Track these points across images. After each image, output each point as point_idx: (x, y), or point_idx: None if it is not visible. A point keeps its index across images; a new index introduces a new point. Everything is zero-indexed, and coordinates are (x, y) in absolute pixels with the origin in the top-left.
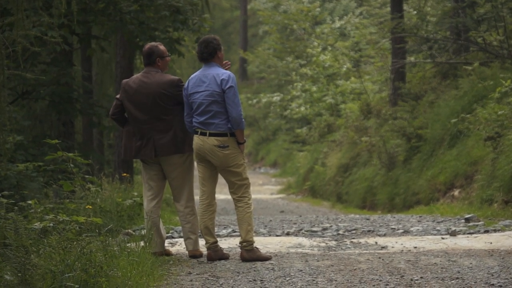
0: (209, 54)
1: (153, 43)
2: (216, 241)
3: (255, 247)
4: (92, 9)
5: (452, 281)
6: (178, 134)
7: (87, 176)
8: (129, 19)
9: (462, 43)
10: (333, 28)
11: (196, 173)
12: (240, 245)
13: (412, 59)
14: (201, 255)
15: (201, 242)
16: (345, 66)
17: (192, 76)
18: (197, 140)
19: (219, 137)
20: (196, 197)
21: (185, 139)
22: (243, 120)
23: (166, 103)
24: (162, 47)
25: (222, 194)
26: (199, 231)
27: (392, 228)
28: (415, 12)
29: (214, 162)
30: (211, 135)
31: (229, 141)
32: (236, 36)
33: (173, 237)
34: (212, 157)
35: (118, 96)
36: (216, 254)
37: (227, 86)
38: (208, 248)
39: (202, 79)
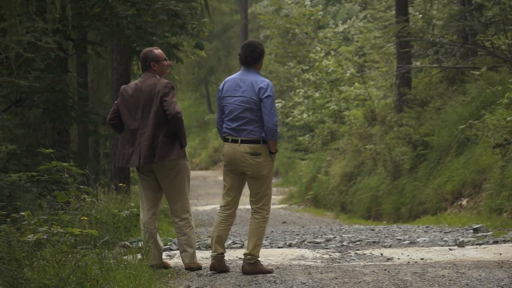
0: (254, 59)
1: (148, 49)
2: (223, 253)
3: (258, 260)
4: (88, 13)
5: None
6: (161, 141)
7: (82, 187)
8: (126, 24)
9: (469, 47)
10: (336, 32)
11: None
12: (243, 257)
13: (418, 64)
14: (198, 267)
15: (200, 254)
16: (348, 71)
17: (228, 78)
18: (227, 148)
19: (252, 144)
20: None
21: (173, 147)
22: (278, 130)
23: (155, 107)
24: (157, 51)
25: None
26: (211, 238)
27: (398, 239)
28: (421, 15)
29: (246, 170)
30: (243, 142)
31: (261, 149)
32: (236, 41)
33: (171, 249)
34: (244, 165)
35: (116, 101)
36: (220, 265)
37: (265, 95)
38: (214, 258)
39: (239, 84)
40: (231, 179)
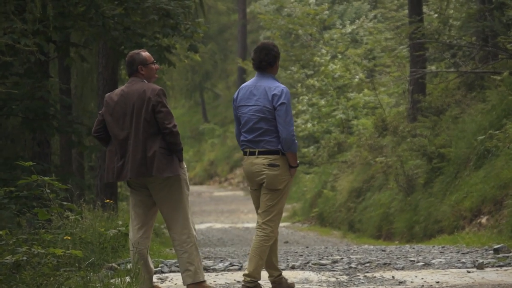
0: (268, 63)
1: (134, 51)
2: (281, 273)
3: (258, 283)
4: (71, 13)
5: None
6: (158, 153)
7: (65, 203)
8: (113, 24)
9: (489, 50)
10: (343, 33)
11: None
12: (243, 278)
13: (433, 68)
14: None
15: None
16: (357, 76)
17: (242, 85)
18: (245, 162)
19: (269, 155)
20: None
21: (171, 160)
22: (296, 141)
23: (146, 115)
24: (145, 54)
25: (218, 222)
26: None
27: (411, 261)
28: (436, 15)
29: (262, 182)
30: (260, 153)
31: (280, 161)
32: (234, 42)
33: (162, 272)
34: (262, 177)
35: (100, 111)
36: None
37: (279, 103)
38: (272, 282)
39: (253, 91)
40: (255, 195)
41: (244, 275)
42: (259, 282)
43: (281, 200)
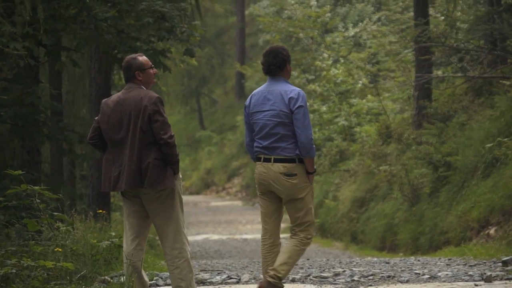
0: (277, 66)
1: (131, 56)
2: (283, 287)
3: (281, 283)
4: (62, 15)
5: None
6: (152, 164)
7: (56, 213)
8: (106, 27)
9: (498, 54)
10: (346, 37)
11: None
12: (267, 273)
13: (440, 73)
14: None
15: None
16: (360, 81)
17: (254, 92)
18: (260, 168)
19: (286, 163)
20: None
21: (166, 172)
22: (314, 146)
23: (142, 124)
24: (142, 58)
25: (216, 234)
26: (263, 275)
27: (416, 273)
28: (443, 17)
29: (279, 192)
30: (276, 161)
31: (297, 169)
32: (232, 46)
33: (157, 285)
34: (277, 187)
35: (97, 117)
36: None
37: (296, 106)
38: None
39: (267, 96)
40: (266, 203)
41: (269, 269)
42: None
43: (309, 210)
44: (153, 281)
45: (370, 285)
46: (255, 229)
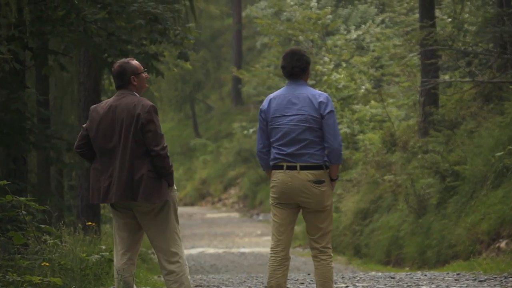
0: (301, 69)
1: (123, 60)
2: None
3: None
4: (49, 17)
5: None
6: (146, 176)
7: (43, 226)
8: (95, 30)
9: (508, 58)
10: (348, 39)
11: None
12: None
13: (447, 77)
14: None
15: None
16: (363, 87)
17: (273, 95)
18: (282, 177)
19: (314, 171)
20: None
21: (160, 185)
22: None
23: (135, 134)
24: (134, 62)
25: (211, 247)
26: None
27: None
28: (450, 19)
29: (306, 202)
30: (303, 168)
31: (324, 175)
32: (228, 49)
33: None
34: (305, 197)
35: (84, 125)
36: None
37: (327, 111)
38: None
39: (292, 100)
40: (284, 212)
41: None
42: None
43: (331, 217)
44: None
45: None
46: (253, 242)
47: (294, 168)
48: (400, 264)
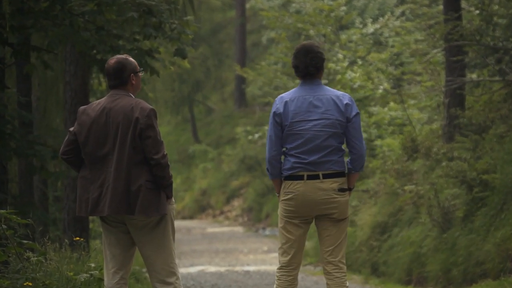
0: (316, 68)
1: (119, 56)
2: None
3: None
4: (32, 10)
5: None
6: (144, 187)
7: (25, 242)
8: (83, 24)
9: None
10: (364, 34)
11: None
12: None
13: (474, 76)
14: None
15: None
16: (381, 86)
17: (288, 97)
18: (301, 188)
19: (337, 178)
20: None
21: (159, 197)
22: None
23: (132, 140)
24: (131, 59)
25: (213, 265)
26: None
27: None
28: (478, 11)
29: (330, 213)
30: (325, 176)
31: (346, 183)
32: (231, 45)
33: None
34: (329, 207)
35: (72, 128)
36: None
37: (354, 114)
38: None
39: (313, 102)
40: (298, 229)
41: None
42: None
43: (347, 227)
44: None
45: None
46: (258, 260)
47: (316, 177)
48: (423, 283)
